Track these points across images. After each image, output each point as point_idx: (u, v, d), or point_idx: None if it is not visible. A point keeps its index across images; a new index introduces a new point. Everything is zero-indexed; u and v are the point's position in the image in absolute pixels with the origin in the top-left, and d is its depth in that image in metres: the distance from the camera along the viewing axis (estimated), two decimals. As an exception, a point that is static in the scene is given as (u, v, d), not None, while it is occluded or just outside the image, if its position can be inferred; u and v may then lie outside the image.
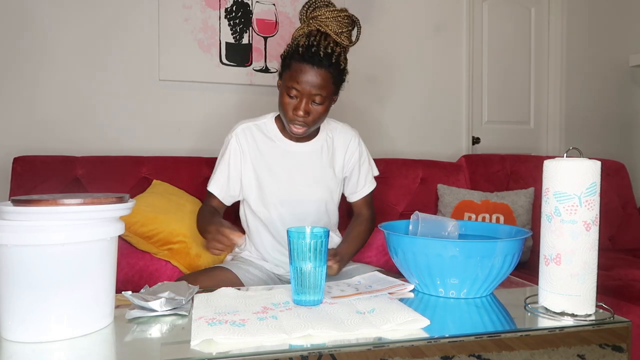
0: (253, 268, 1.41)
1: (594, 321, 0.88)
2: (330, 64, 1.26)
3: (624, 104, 3.12)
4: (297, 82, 1.25)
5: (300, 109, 1.27)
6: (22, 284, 0.77)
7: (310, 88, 1.26)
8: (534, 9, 2.94)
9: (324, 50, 1.25)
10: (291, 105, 1.28)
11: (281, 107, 1.31)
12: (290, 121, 1.30)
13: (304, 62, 1.25)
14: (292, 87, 1.26)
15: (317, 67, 1.24)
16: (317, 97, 1.27)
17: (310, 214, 1.42)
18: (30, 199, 0.80)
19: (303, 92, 1.26)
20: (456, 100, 2.74)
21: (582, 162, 0.89)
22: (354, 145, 1.48)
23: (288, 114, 1.30)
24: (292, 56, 1.28)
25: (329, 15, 1.28)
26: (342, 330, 0.80)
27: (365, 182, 1.52)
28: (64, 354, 0.75)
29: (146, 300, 0.90)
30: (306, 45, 1.25)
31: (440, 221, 1.18)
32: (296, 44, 1.28)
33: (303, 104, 1.27)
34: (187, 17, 2.20)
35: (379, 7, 2.56)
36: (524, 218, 2.08)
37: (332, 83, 1.30)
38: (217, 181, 1.41)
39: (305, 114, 1.28)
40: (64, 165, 1.83)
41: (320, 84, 1.26)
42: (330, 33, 1.29)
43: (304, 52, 1.25)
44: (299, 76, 1.25)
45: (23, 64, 2.03)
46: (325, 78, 1.27)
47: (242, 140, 1.41)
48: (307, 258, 0.92)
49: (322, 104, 1.30)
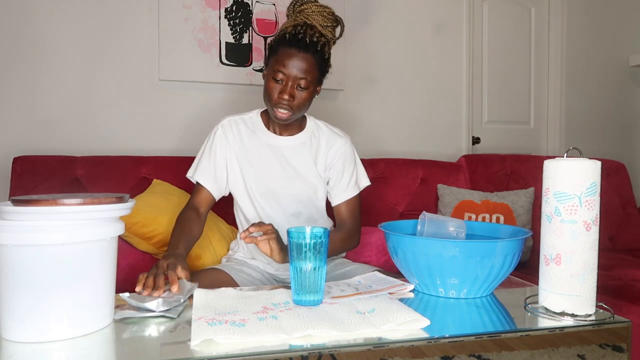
0: (247, 268, 1.41)
1: (594, 321, 0.88)
2: (316, 50, 1.31)
3: (624, 104, 3.12)
4: (284, 65, 1.29)
5: (286, 92, 1.30)
6: (22, 284, 0.77)
7: (297, 72, 1.30)
8: (534, 9, 2.94)
9: (309, 38, 1.31)
10: (276, 89, 1.32)
11: (266, 93, 1.34)
12: (275, 105, 1.33)
13: (290, 47, 1.30)
14: (278, 71, 1.30)
15: (303, 51, 1.29)
16: (302, 81, 1.31)
17: (291, 209, 1.41)
18: (30, 199, 0.80)
19: (289, 75, 1.30)
20: (456, 100, 2.74)
21: (582, 162, 0.89)
22: (338, 147, 1.45)
23: (273, 98, 1.32)
24: (278, 42, 1.33)
25: (315, 9, 1.35)
26: (342, 330, 0.80)
27: (347, 187, 1.44)
28: (64, 354, 0.75)
29: (143, 301, 0.90)
30: (293, 33, 1.31)
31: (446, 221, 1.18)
32: (283, 32, 1.34)
33: (288, 87, 1.31)
34: (187, 17, 2.20)
35: (379, 7, 2.56)
36: (524, 218, 2.08)
37: (317, 69, 1.34)
38: (202, 170, 1.40)
39: (290, 97, 1.31)
40: (64, 165, 1.83)
41: (305, 68, 1.30)
42: (316, 25, 1.35)
43: (290, 38, 1.30)
44: (285, 60, 1.30)
45: (23, 64, 2.03)
46: (311, 63, 1.31)
47: (228, 132, 1.43)
48: (307, 258, 0.92)
49: (307, 88, 1.33)
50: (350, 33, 2.47)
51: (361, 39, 2.52)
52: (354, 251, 1.66)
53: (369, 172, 2.15)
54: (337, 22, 1.40)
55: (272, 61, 1.33)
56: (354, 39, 2.48)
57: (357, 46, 2.50)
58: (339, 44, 2.35)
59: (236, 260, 1.47)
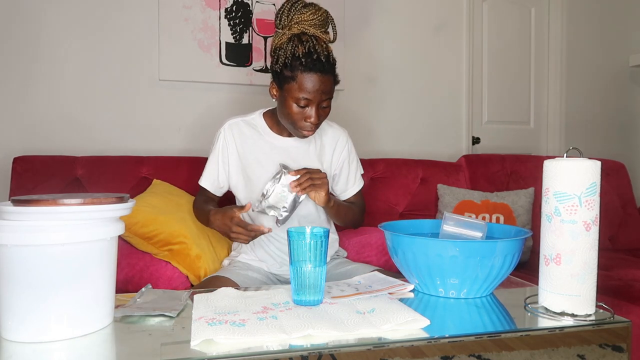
0: (252, 272, 1.42)
1: (594, 321, 0.88)
2: (331, 66, 1.30)
3: (624, 104, 3.12)
4: (307, 92, 1.27)
5: (313, 116, 1.30)
6: (22, 284, 0.77)
7: (321, 95, 1.29)
8: (534, 9, 2.94)
9: (324, 55, 1.28)
10: (301, 114, 1.30)
11: (289, 117, 1.31)
12: (301, 128, 1.33)
13: (310, 72, 1.26)
14: (301, 98, 1.28)
15: (322, 73, 1.27)
16: (325, 101, 1.31)
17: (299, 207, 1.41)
18: (30, 199, 0.80)
19: (314, 100, 1.28)
20: (456, 100, 2.74)
21: (582, 162, 0.89)
22: (343, 143, 1.51)
23: (299, 122, 1.32)
24: (294, 67, 1.27)
25: (310, 17, 1.29)
26: (342, 330, 0.80)
27: (355, 180, 1.54)
28: (64, 354, 0.75)
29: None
30: (305, 53, 1.26)
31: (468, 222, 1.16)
32: (292, 52, 1.27)
33: (314, 110, 1.30)
34: (187, 17, 2.20)
35: (379, 7, 2.56)
36: (524, 218, 2.08)
37: (334, 83, 1.34)
38: (207, 177, 1.47)
39: (317, 119, 1.31)
40: (64, 165, 1.83)
41: (328, 88, 1.30)
42: (319, 34, 1.30)
43: (307, 62, 1.25)
44: (308, 86, 1.27)
45: (23, 64, 2.03)
46: (331, 81, 1.31)
47: (230, 135, 1.44)
48: (307, 258, 0.92)
49: (329, 105, 1.34)
50: (350, 33, 2.47)
51: (361, 39, 2.52)
52: (354, 251, 1.66)
53: (369, 172, 2.16)
54: (329, 23, 1.35)
55: (290, 87, 1.28)
56: (354, 39, 2.48)
57: (357, 46, 2.50)
58: (339, 44, 2.36)
59: (239, 263, 1.47)
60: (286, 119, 1.33)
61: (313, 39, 1.28)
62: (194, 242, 1.55)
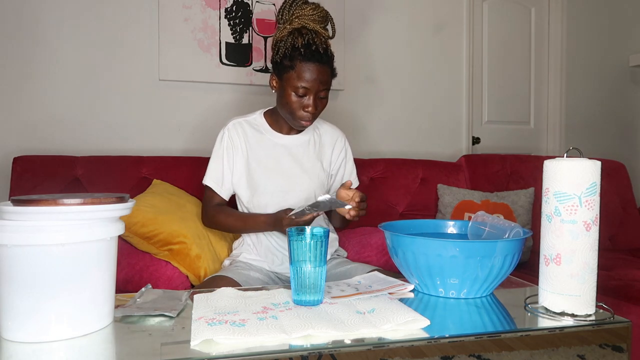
0: (253, 271, 1.42)
1: (594, 321, 0.88)
2: (329, 58, 1.36)
3: (624, 104, 3.12)
4: (306, 80, 1.32)
5: (311, 105, 1.35)
6: (22, 284, 0.77)
7: (319, 84, 1.34)
8: (534, 9, 2.94)
9: (322, 47, 1.34)
10: (299, 103, 1.35)
11: (288, 106, 1.36)
12: (300, 118, 1.37)
13: (308, 61, 1.32)
14: (300, 87, 1.33)
15: (320, 63, 1.33)
16: (323, 91, 1.36)
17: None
18: (30, 199, 0.80)
19: (312, 89, 1.34)
20: (456, 100, 2.74)
21: (582, 162, 0.89)
22: (341, 144, 1.56)
23: (297, 112, 1.36)
24: (293, 57, 1.33)
25: (308, 12, 1.35)
26: (342, 330, 0.80)
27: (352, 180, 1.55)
28: (64, 354, 0.75)
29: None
30: (304, 44, 1.32)
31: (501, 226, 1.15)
32: (291, 44, 1.33)
33: (312, 100, 1.35)
34: (187, 17, 2.20)
35: (379, 7, 2.56)
36: (524, 218, 2.08)
37: (332, 74, 1.39)
38: (212, 177, 1.47)
39: (315, 108, 1.36)
40: (64, 165, 1.83)
41: (325, 79, 1.35)
42: (318, 29, 1.35)
43: (305, 52, 1.31)
44: (306, 75, 1.32)
45: (23, 64, 2.03)
46: (328, 72, 1.36)
47: (233, 135, 1.46)
48: (307, 258, 0.92)
49: (326, 96, 1.39)
50: (350, 33, 2.47)
51: (361, 39, 2.52)
52: (354, 251, 1.66)
53: (369, 172, 2.16)
54: (328, 20, 1.42)
55: (289, 76, 1.34)
56: (354, 39, 2.48)
57: (357, 46, 2.50)
58: (339, 44, 2.36)
59: (241, 263, 1.47)
60: (285, 108, 1.38)
61: (312, 32, 1.35)
62: (194, 242, 1.55)
